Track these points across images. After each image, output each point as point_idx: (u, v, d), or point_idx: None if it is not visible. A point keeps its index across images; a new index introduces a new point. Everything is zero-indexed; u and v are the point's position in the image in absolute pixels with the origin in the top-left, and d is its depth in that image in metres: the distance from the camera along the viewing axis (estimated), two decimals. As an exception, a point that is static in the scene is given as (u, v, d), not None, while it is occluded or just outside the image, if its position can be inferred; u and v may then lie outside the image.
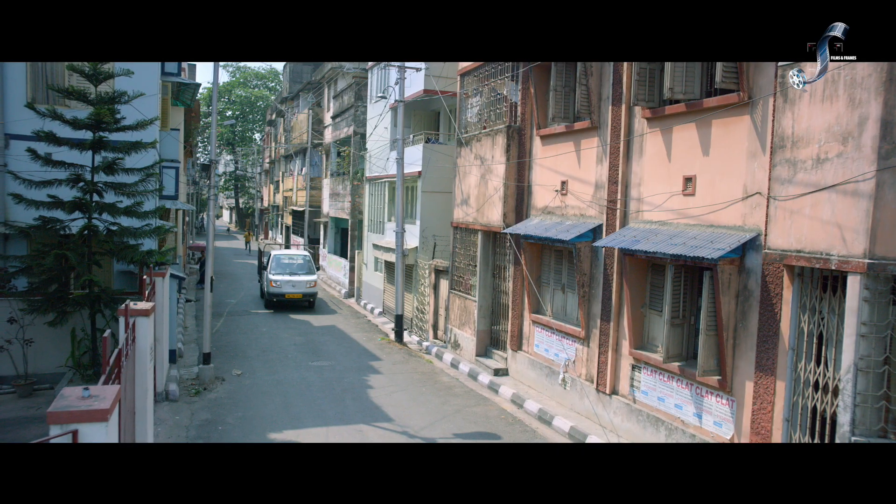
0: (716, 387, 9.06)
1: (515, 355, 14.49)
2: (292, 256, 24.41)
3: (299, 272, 23.71)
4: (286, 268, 23.68)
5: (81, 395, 4.46)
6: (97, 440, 4.22)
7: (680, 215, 9.72)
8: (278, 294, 22.91)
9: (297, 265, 24.00)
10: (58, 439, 4.10)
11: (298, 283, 23.17)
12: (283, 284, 22.92)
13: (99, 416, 4.25)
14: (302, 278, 23.37)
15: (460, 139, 16.79)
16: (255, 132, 69.81)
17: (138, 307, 8.19)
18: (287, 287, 22.93)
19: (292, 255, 24.64)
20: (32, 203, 11.33)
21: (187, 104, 23.90)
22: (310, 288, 23.37)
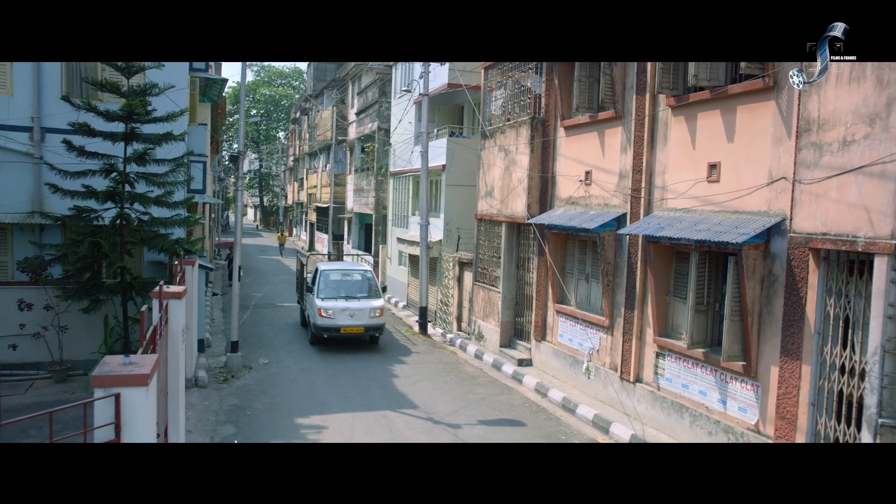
0: (740, 372, 9.07)
1: (539, 345, 14.56)
2: (348, 272, 17.89)
3: (359, 295, 16.95)
4: (340, 288, 17.10)
5: (122, 362, 4.64)
6: (138, 404, 4.39)
7: (704, 202, 9.74)
8: (330, 328, 16.12)
9: (355, 285, 17.38)
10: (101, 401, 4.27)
11: (359, 311, 16.33)
12: (337, 314, 16.16)
13: (140, 381, 4.42)
14: (364, 304, 16.51)
15: (484, 132, 16.89)
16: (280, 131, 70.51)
17: (171, 290, 8.41)
18: (343, 318, 16.19)
19: (347, 269, 18.22)
20: (67, 193, 11.63)
21: (214, 100, 24.27)
22: (375, 318, 16.48)
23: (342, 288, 17.10)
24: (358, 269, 18.14)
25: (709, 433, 9.56)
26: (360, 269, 18.15)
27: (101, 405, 4.31)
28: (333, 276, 17.48)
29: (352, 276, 17.73)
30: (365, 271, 18.00)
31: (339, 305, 16.28)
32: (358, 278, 17.62)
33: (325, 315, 16.19)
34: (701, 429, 9.72)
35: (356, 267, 18.58)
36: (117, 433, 4.31)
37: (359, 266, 18.84)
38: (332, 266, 18.40)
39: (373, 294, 17.15)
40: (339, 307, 16.24)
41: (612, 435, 10.79)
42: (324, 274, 17.39)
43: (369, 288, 17.38)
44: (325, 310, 16.21)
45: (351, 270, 18.01)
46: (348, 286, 17.27)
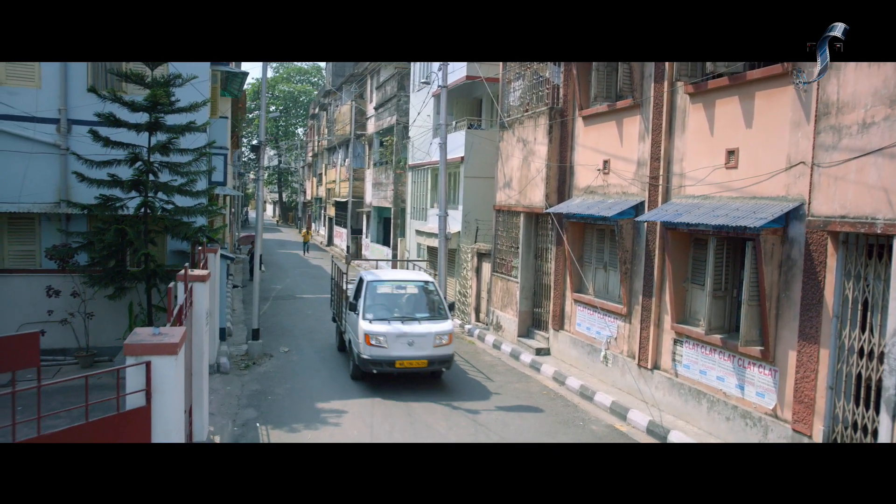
0: (758, 357, 9.09)
1: (557, 335, 14.62)
2: (402, 283, 13.55)
3: (420, 315, 12.74)
4: (394, 306, 12.87)
5: (152, 333, 4.80)
6: (167, 372, 4.54)
7: (722, 188, 9.75)
8: (381, 360, 11.96)
9: (413, 301, 13.19)
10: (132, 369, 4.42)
11: (421, 337, 12.14)
12: (391, 342, 12.00)
13: (169, 350, 4.57)
14: (427, 328, 12.28)
15: (503, 123, 16.96)
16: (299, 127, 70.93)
17: (196, 273, 8.59)
18: (399, 346, 12.02)
19: (402, 279, 13.76)
20: (94, 182, 11.86)
21: (234, 95, 24.53)
22: (441, 347, 12.23)
23: (396, 305, 12.86)
24: (416, 280, 13.57)
25: (726, 419, 9.58)
26: (418, 280, 13.56)
27: (132, 372, 4.47)
28: (384, 289, 13.11)
29: (408, 288, 13.38)
30: (426, 283, 13.47)
31: (394, 330, 12.08)
32: (416, 291, 13.30)
33: (374, 343, 11.93)
34: (718, 414, 9.75)
35: (413, 277, 14.03)
36: (148, 399, 4.46)
37: (416, 275, 14.29)
38: (382, 275, 13.82)
39: (438, 313, 12.82)
40: (393, 332, 12.04)
41: (629, 421, 10.84)
42: (371, 286, 12.95)
43: (433, 305, 13.02)
44: (374, 336, 11.95)
45: (406, 281, 13.55)
46: (405, 303, 13.03)
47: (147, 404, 4.49)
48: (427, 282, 13.56)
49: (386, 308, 12.72)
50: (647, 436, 10.32)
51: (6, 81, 13.64)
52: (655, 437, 10.18)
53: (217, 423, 10.10)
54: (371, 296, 12.82)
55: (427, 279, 13.71)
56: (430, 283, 13.57)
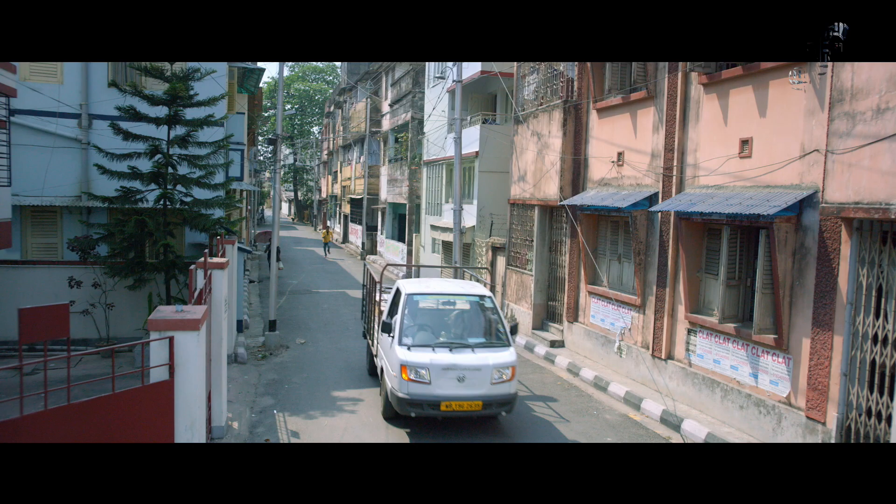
0: (772, 345, 9.11)
1: (571, 327, 14.68)
2: (451, 298, 10.73)
3: (474, 341, 10.01)
4: (439, 327, 10.22)
5: (175, 310, 4.93)
6: (190, 347, 4.67)
7: (736, 178, 9.78)
8: (423, 400, 9.24)
9: (465, 321, 10.50)
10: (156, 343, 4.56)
11: (475, 371, 9.36)
12: (436, 376, 9.26)
13: (192, 326, 4.71)
14: (482, 358, 9.52)
15: (517, 117, 17.03)
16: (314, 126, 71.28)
17: (215, 261, 8.74)
18: (445, 383, 9.27)
19: (450, 293, 10.80)
20: (115, 174, 12.06)
21: (251, 91, 24.78)
22: (501, 383, 9.47)
23: (443, 327, 10.13)
24: (468, 294, 10.61)
25: (740, 407, 9.61)
26: (471, 294, 10.61)
27: (156, 347, 4.61)
28: (427, 305, 10.46)
29: (458, 304, 10.59)
30: (481, 297, 10.56)
31: (440, 360, 9.23)
32: (468, 309, 10.51)
33: (413, 377, 9.14)
34: (732, 403, 9.78)
35: (465, 289, 10.85)
36: (171, 373, 4.59)
37: (469, 287, 11.05)
38: (425, 287, 10.83)
39: (497, 339, 9.97)
40: (438, 363, 9.19)
41: (643, 411, 10.89)
42: (411, 301, 10.24)
43: (490, 328, 10.23)
44: (413, 367, 9.18)
45: (456, 295, 10.62)
46: (454, 324, 10.27)
47: (170, 378, 4.62)
48: (483, 296, 10.52)
49: (430, 331, 9.93)
50: (661, 425, 10.36)
51: (29, 77, 13.90)
52: (669, 426, 10.22)
53: (235, 409, 10.26)
54: (411, 313, 10.02)
55: (483, 292, 10.64)
56: (488, 297, 10.52)
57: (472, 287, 11.12)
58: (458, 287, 10.98)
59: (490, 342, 9.93)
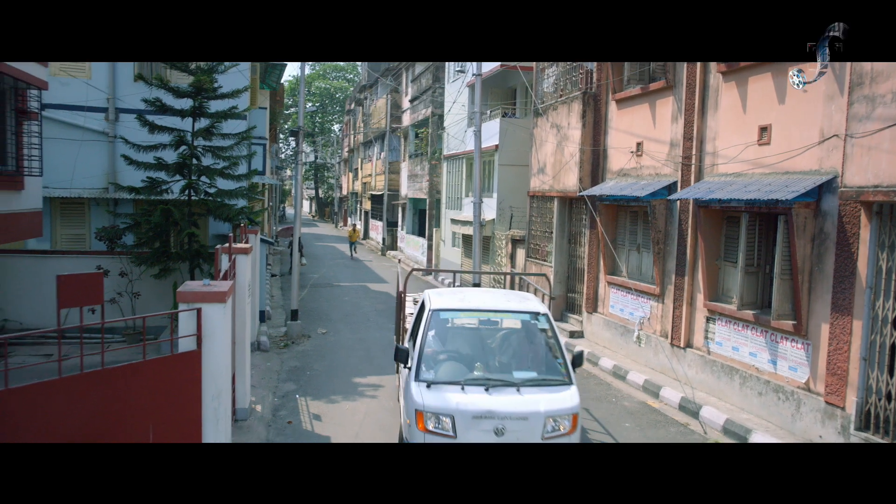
0: (790, 331, 9.12)
1: (591, 317, 14.73)
2: (491, 316, 8.35)
3: (520, 375, 7.35)
4: (473, 356, 7.64)
5: (203, 284, 5.10)
6: (217, 318, 4.84)
7: (755, 165, 9.79)
8: None
9: (506, 349, 7.99)
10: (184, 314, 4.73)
11: (521, 422, 6.71)
12: (464, 426, 6.67)
13: (219, 298, 4.87)
14: (531, 402, 6.86)
15: (537, 109, 17.09)
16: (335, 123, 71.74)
17: (239, 246, 8.93)
18: (479, 436, 6.64)
19: (490, 308, 8.41)
20: (141, 165, 12.33)
21: (273, 87, 25.08)
22: (557, 435, 6.82)
23: (478, 355, 7.68)
24: (515, 311, 8.18)
25: (759, 394, 9.63)
26: (519, 311, 8.16)
27: (184, 318, 4.78)
28: (457, 325, 8.21)
29: (502, 323, 8.29)
30: (533, 315, 8.06)
31: (469, 405, 6.82)
32: (514, 329, 8.15)
33: (433, 428, 6.81)
34: (751, 390, 9.80)
35: (509, 303, 8.38)
36: (198, 343, 4.75)
37: (516, 301, 8.52)
38: (456, 301, 8.42)
39: (552, 373, 7.49)
40: (467, 409, 6.79)
41: (661, 398, 10.93)
42: (437, 319, 7.89)
43: (544, 357, 7.78)
44: (433, 414, 6.82)
45: (499, 312, 8.27)
46: (493, 352, 7.87)
47: (198, 348, 4.79)
48: (536, 313, 7.95)
49: (460, 361, 7.45)
50: (679, 412, 10.40)
51: (59, 72, 14.23)
52: (687, 412, 10.26)
53: (258, 394, 10.46)
54: (435, 337, 7.61)
55: (536, 308, 8.07)
56: (542, 315, 7.92)
57: (522, 300, 8.33)
58: (501, 300, 8.34)
59: (543, 379, 7.30)
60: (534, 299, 8.67)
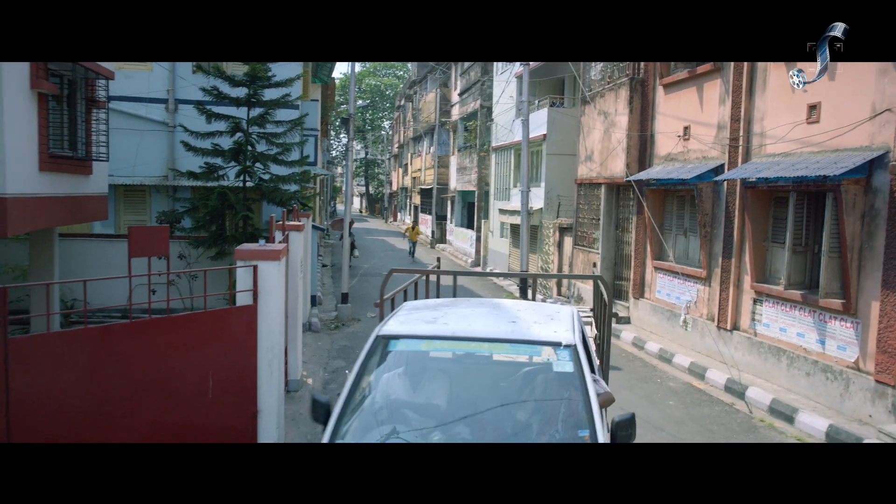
0: (839, 310, 9.03)
1: (637, 303, 14.72)
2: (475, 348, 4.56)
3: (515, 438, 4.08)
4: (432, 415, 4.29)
5: (259, 245, 5.42)
6: (272, 275, 5.15)
7: (803, 144, 9.70)
8: None
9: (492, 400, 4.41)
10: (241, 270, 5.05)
11: None
12: None
13: (273, 256, 5.19)
14: None
15: (584, 97, 17.13)
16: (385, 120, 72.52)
17: (292, 223, 9.29)
18: None
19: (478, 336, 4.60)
20: (199, 151, 12.86)
21: (324, 81, 25.58)
22: None
23: (441, 414, 4.31)
24: (515, 340, 4.61)
25: (806, 374, 9.56)
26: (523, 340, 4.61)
27: (241, 273, 5.10)
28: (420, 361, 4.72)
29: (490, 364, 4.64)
30: (555, 347, 4.49)
31: None
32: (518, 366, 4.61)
33: None
34: (798, 370, 9.73)
35: (512, 328, 4.76)
36: (254, 298, 5.07)
37: (525, 323, 4.89)
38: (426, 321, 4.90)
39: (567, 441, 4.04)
40: None
41: (707, 380, 10.92)
42: (387, 354, 4.61)
43: (553, 422, 4.26)
44: None
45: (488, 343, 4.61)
46: (466, 412, 4.33)
47: (254, 303, 5.10)
48: (555, 344, 4.54)
49: (407, 427, 4.28)
50: (725, 392, 10.38)
51: (123, 66, 14.90)
52: (733, 393, 10.23)
53: (309, 369, 10.83)
54: (377, 382, 4.54)
55: (556, 337, 4.61)
56: (565, 348, 4.49)
57: (540, 321, 4.96)
58: (502, 321, 4.96)
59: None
60: (563, 318, 4.99)
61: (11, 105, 8.23)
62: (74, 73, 10.45)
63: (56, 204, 10.10)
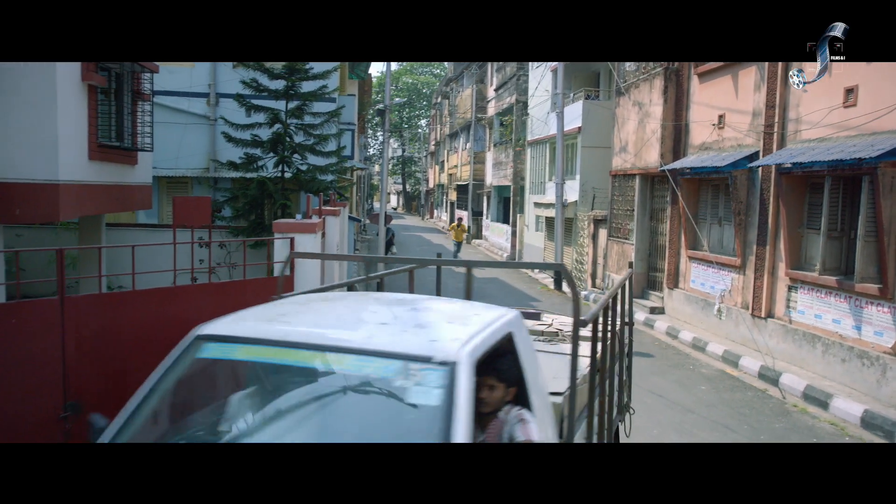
0: (876, 295, 8.94)
1: (671, 293, 14.69)
2: (320, 361, 3.07)
3: None
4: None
5: (296, 218, 5.66)
6: (308, 247, 5.36)
7: (839, 129, 9.62)
8: None
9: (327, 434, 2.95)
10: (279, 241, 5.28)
11: None
12: None
13: (309, 229, 5.42)
14: None
15: (619, 88, 17.12)
16: (422, 119, 72.90)
17: (328, 208, 9.55)
18: None
19: (328, 338, 3.03)
20: (239, 142, 13.24)
21: (361, 77, 25.95)
22: None
23: None
24: (373, 351, 2.90)
25: (842, 360, 9.48)
26: (382, 353, 2.89)
27: (279, 245, 5.33)
28: (242, 374, 3.47)
29: (336, 383, 3.08)
30: (416, 363, 2.84)
31: None
32: (371, 390, 3.01)
33: None
34: (833, 357, 9.65)
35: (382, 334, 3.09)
36: (291, 269, 5.29)
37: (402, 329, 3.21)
38: (268, 319, 3.33)
39: None
40: None
41: (741, 367, 10.88)
42: (194, 363, 3.21)
43: None
44: None
45: (335, 353, 3.01)
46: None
47: (290, 273, 5.33)
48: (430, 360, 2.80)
49: None
50: (758, 379, 10.35)
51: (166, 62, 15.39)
52: (767, 380, 10.19)
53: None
54: (175, 402, 3.28)
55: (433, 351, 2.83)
56: (444, 366, 2.76)
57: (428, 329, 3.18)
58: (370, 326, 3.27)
59: None
60: (475, 323, 3.26)
61: (65, 96, 8.64)
62: (122, 66, 10.86)
63: (103, 192, 10.52)
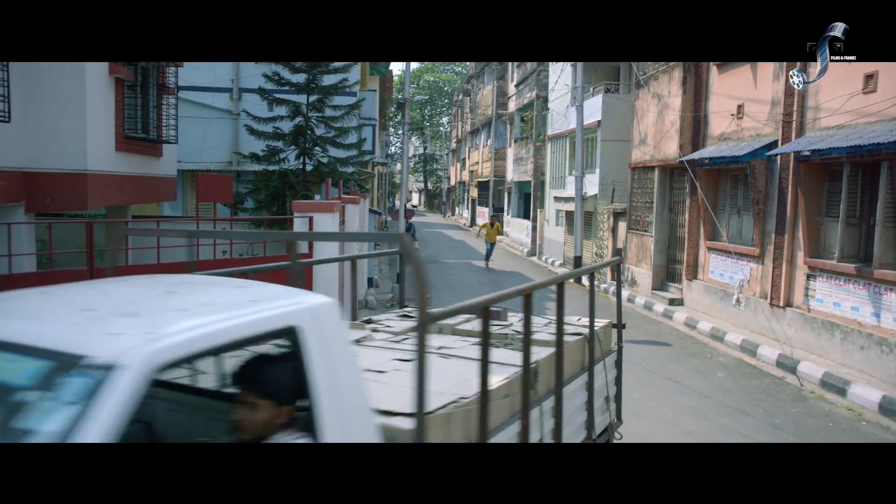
0: (895, 281, 8.92)
1: (690, 284, 14.68)
2: None
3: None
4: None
5: (315, 199, 5.82)
6: (325, 226, 5.52)
7: (859, 115, 9.59)
8: None
9: None
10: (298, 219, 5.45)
11: None
12: None
13: (327, 208, 5.57)
14: None
15: (638, 81, 17.12)
16: (443, 116, 73.05)
17: (348, 197, 9.72)
18: None
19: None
20: (261, 134, 13.48)
21: (382, 73, 26.16)
22: None
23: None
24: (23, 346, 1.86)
25: (860, 348, 9.46)
26: (34, 348, 1.84)
27: (298, 224, 5.49)
28: None
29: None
30: (77, 372, 1.73)
31: None
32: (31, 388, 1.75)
33: None
34: (852, 345, 9.63)
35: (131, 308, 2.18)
36: (310, 247, 5.46)
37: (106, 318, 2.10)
38: None
39: None
40: None
41: (758, 356, 10.88)
42: None
43: None
44: None
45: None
46: None
47: (310, 251, 5.49)
48: (78, 362, 1.75)
49: None
50: (776, 367, 10.34)
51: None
52: (785, 368, 10.18)
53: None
54: None
55: (89, 348, 1.78)
56: (99, 370, 1.72)
57: (143, 317, 2.09)
58: (68, 315, 2.12)
59: None
60: (210, 312, 2.18)
61: (93, 89, 8.89)
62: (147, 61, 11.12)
63: (130, 182, 10.78)
